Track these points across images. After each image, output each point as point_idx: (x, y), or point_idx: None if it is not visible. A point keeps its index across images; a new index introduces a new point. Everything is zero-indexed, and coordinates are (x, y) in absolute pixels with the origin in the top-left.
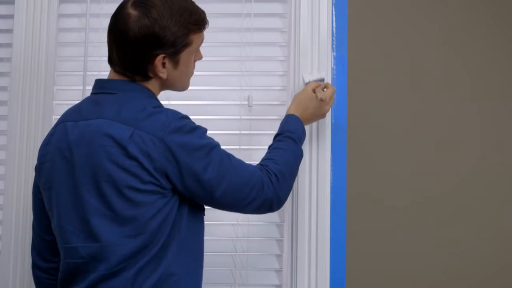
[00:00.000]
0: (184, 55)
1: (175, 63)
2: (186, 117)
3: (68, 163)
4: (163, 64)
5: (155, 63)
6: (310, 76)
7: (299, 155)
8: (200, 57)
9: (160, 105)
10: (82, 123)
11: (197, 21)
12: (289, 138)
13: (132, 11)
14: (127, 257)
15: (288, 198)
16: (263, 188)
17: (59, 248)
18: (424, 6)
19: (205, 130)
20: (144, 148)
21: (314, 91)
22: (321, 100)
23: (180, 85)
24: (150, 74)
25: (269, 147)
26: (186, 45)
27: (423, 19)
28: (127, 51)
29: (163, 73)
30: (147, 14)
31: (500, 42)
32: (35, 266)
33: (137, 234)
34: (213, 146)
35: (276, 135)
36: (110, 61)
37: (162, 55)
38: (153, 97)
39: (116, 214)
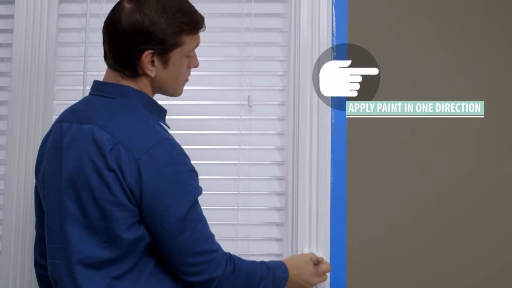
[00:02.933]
0: (174, 55)
1: (165, 62)
2: (176, 146)
3: (59, 164)
4: (152, 62)
5: (142, 59)
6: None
7: (265, 283)
8: (195, 64)
9: (158, 120)
10: (76, 126)
11: (190, 22)
12: (267, 271)
13: (127, 5)
14: (92, 265)
15: (288, 198)
16: (216, 269)
17: (46, 247)
18: (424, 6)
19: (192, 170)
20: (120, 163)
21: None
22: (317, 261)
23: (171, 89)
24: (139, 71)
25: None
26: (176, 44)
27: (423, 19)
28: (116, 43)
29: (151, 71)
30: (140, 8)
31: (500, 42)
32: (36, 264)
33: (109, 246)
34: (191, 191)
35: (261, 261)
36: (105, 55)
37: (150, 51)
38: (151, 107)
39: (90, 222)
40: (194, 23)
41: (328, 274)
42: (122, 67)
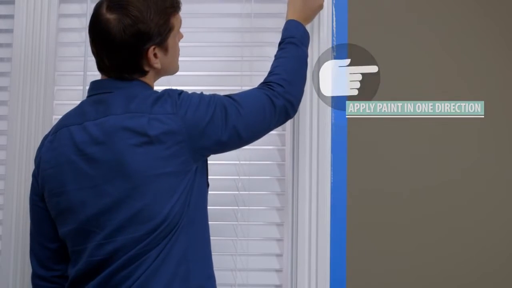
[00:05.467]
0: (170, 40)
1: (165, 50)
2: (182, 91)
3: (80, 164)
4: (155, 55)
5: (148, 56)
6: None
7: (301, 57)
8: (181, 37)
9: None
10: (90, 123)
11: (172, 4)
12: (290, 43)
13: (110, 16)
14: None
15: (288, 198)
16: (274, 105)
17: (74, 251)
18: (424, 6)
19: (198, 92)
20: (164, 128)
21: None
22: None
23: (172, 69)
24: (146, 68)
25: (274, 56)
26: (169, 30)
27: (423, 19)
28: (119, 55)
29: (157, 64)
30: (126, 13)
31: (500, 42)
32: (36, 276)
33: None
34: (213, 98)
35: (279, 44)
36: (101, 68)
37: (153, 47)
38: (151, 88)
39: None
40: (175, 2)
41: None
42: (130, 73)
